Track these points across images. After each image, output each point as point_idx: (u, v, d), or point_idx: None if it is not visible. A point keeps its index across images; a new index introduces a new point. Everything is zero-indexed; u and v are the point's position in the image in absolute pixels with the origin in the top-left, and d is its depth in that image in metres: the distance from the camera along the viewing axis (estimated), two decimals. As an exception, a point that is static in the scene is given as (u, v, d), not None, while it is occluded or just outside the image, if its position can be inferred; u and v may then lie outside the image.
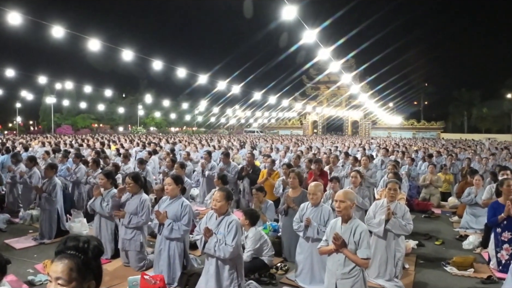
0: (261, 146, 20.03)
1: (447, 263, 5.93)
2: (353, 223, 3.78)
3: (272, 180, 8.11)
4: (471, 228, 7.89)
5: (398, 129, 61.42)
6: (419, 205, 9.73)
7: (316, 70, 60.80)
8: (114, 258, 5.77)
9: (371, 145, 21.16)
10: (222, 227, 4.13)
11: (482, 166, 11.53)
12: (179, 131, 68.47)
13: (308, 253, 4.87)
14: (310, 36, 11.34)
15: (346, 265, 3.71)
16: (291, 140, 27.60)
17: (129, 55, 12.66)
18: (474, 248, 6.78)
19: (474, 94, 65.28)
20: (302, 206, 5.00)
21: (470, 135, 57.78)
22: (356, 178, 6.56)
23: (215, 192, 4.26)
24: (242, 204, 8.91)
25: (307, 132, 66.34)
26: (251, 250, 5.30)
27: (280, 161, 11.05)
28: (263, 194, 6.98)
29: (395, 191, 5.20)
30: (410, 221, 5.17)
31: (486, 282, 5.28)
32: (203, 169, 9.46)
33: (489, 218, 5.93)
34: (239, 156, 13.45)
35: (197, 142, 19.96)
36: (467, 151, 17.64)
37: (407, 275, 5.48)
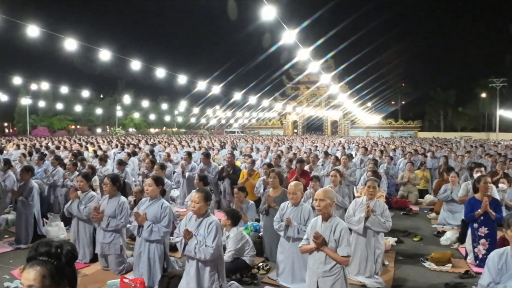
0: (241, 146, 20.00)
1: (425, 259, 6.04)
2: (333, 221, 3.81)
3: (252, 180, 8.11)
4: (448, 224, 8.07)
5: (377, 128, 62.39)
6: (397, 203, 9.89)
7: (296, 71, 61.16)
8: (93, 262, 5.66)
9: (350, 144, 21.40)
10: (202, 229, 4.09)
11: (458, 164, 11.80)
12: (159, 132, 67.75)
13: (289, 253, 4.88)
14: (290, 37, 11.40)
15: (327, 263, 3.74)
16: (272, 140, 27.67)
17: (106, 55, 12.45)
18: (452, 244, 6.94)
19: (449, 94, 67.04)
20: (282, 205, 5.01)
21: (446, 133, 59.25)
22: (336, 177, 6.62)
23: (193, 193, 4.22)
24: (223, 204, 8.88)
25: (288, 132, 66.66)
26: (233, 251, 5.28)
27: (261, 161, 11.06)
28: (245, 194, 6.97)
29: (374, 189, 5.26)
30: (389, 218, 5.25)
31: (464, 277, 5.41)
32: (183, 170, 9.38)
33: (466, 214, 6.06)
34: (219, 157, 13.39)
35: (177, 143, 19.77)
36: (443, 149, 18.04)
37: (386, 271, 5.56)
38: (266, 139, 29.74)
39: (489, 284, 3.19)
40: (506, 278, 3.13)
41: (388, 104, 70.51)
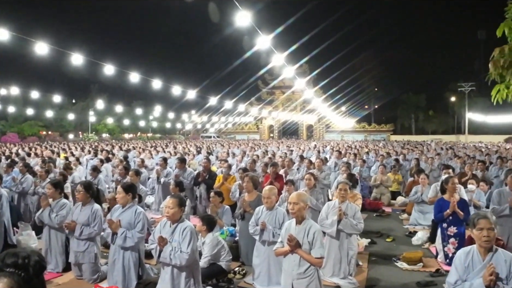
0: (217, 151, 19.96)
1: (397, 259, 6.20)
2: (306, 224, 3.87)
3: (228, 184, 8.13)
4: (420, 224, 8.30)
5: (351, 132, 63.38)
6: (370, 204, 10.12)
7: (271, 75, 61.52)
8: (66, 271, 5.54)
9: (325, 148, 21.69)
10: (176, 235, 4.09)
11: (428, 166, 12.16)
12: (133, 137, 66.72)
13: (264, 256, 4.92)
14: (264, 42, 11.50)
15: (301, 265, 3.79)
16: (248, 144, 27.73)
17: (79, 59, 12.22)
18: (423, 243, 7.14)
19: (420, 98, 68.99)
20: (257, 210, 5.05)
21: (417, 136, 60.79)
22: (310, 180, 6.72)
23: (167, 199, 4.21)
24: (199, 210, 8.84)
25: (264, 137, 66.88)
26: (208, 256, 5.27)
27: (237, 165, 11.08)
28: (221, 199, 6.97)
29: (345, 191, 5.38)
30: (361, 220, 5.37)
31: (435, 275, 5.59)
32: (159, 176, 9.29)
33: (435, 214, 6.26)
34: (195, 162, 13.32)
35: (152, 149, 19.55)
36: (415, 151, 18.52)
37: (360, 272, 5.68)
38: (242, 144, 29.78)
39: (456, 281, 3.30)
40: (473, 275, 3.25)
41: (361, 108, 71.92)
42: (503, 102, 7.09)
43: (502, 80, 6.87)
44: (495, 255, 3.25)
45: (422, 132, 68.73)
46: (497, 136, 53.13)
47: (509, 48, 6.63)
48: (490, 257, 3.23)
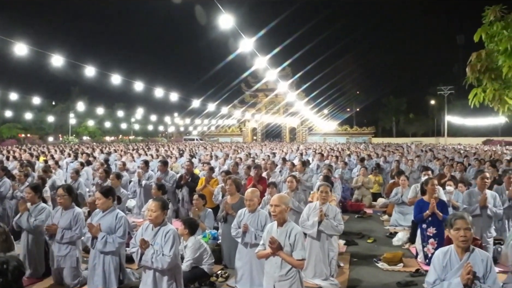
0: (200, 154, 19.87)
1: (378, 260, 6.29)
2: (288, 226, 3.89)
3: (211, 187, 8.11)
4: (400, 225, 8.44)
5: (333, 134, 63.94)
6: (352, 206, 10.24)
7: (254, 78, 61.63)
8: (46, 276, 5.43)
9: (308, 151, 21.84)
10: (158, 238, 4.06)
11: (408, 168, 12.36)
12: (115, 140, 65.85)
13: (247, 259, 4.92)
14: (247, 45, 11.52)
15: (283, 267, 3.81)
16: (231, 147, 27.70)
17: (59, 61, 12.01)
18: (403, 244, 7.26)
19: (401, 101, 70.33)
20: (239, 212, 5.05)
21: (398, 139, 61.85)
22: (292, 182, 6.77)
23: (150, 202, 4.18)
24: (181, 213, 8.78)
25: (247, 139, 66.91)
26: (190, 260, 5.24)
27: (220, 168, 11.06)
28: (204, 202, 6.95)
29: (326, 193, 5.44)
30: (341, 221, 5.44)
31: (415, 275, 5.69)
32: (140, 179, 9.20)
33: (415, 215, 6.37)
34: (177, 165, 13.24)
35: (134, 152, 19.34)
36: (395, 154, 18.81)
37: (342, 273, 5.75)
38: (225, 147, 29.73)
39: (435, 281, 3.37)
40: (451, 275, 3.32)
41: (343, 111, 72.69)
42: (480, 105, 7.27)
43: (479, 84, 7.05)
44: (472, 254, 3.33)
45: (403, 134, 70.03)
46: (476, 139, 54.54)
47: (486, 53, 6.81)
48: (467, 257, 3.31)
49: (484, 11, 6.41)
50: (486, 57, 6.76)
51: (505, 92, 6.85)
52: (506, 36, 5.91)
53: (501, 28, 6.09)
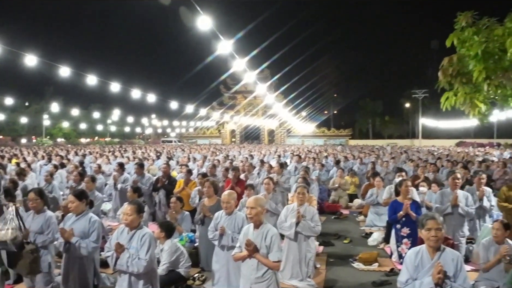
0: (178, 156, 19.71)
1: (354, 260, 6.39)
2: (264, 228, 3.91)
3: (189, 190, 8.06)
4: (375, 225, 8.59)
5: (311, 136, 64.51)
6: (329, 207, 10.37)
7: (233, 80, 61.58)
8: (17, 283, 5.29)
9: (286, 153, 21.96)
10: (134, 241, 4.00)
11: (383, 169, 12.59)
12: (91, 142, 64.55)
13: (224, 261, 4.91)
14: (225, 47, 11.50)
15: (259, 269, 3.82)
16: (209, 149, 27.57)
17: (33, 60, 11.69)
18: (378, 244, 7.40)
19: (377, 104, 71.63)
20: (216, 215, 5.03)
21: (374, 141, 62.93)
22: (269, 184, 6.81)
23: (125, 206, 4.12)
24: (158, 216, 8.69)
25: (226, 141, 66.75)
26: (167, 263, 5.20)
27: (198, 170, 10.99)
28: (181, 204, 6.90)
29: (303, 195, 5.49)
30: (319, 223, 5.50)
31: (389, 274, 5.81)
32: (116, 182, 9.05)
33: (389, 216, 6.51)
34: (154, 167, 13.10)
35: (110, 154, 19.01)
36: (371, 155, 19.12)
37: (318, 274, 5.81)
38: (203, 149, 29.57)
39: (407, 280, 3.44)
40: (423, 274, 3.40)
41: (321, 113, 73.54)
42: (454, 108, 7.48)
43: (451, 88, 7.24)
44: (443, 254, 3.41)
45: (379, 136, 71.33)
46: (449, 140, 56.12)
47: (458, 57, 7.00)
48: (438, 256, 3.39)
49: (457, 17, 6.58)
50: (457, 61, 6.95)
51: (475, 96, 7.06)
52: (477, 41, 6.09)
53: (472, 34, 6.27)
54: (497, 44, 5.98)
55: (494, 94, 6.76)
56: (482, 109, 7.19)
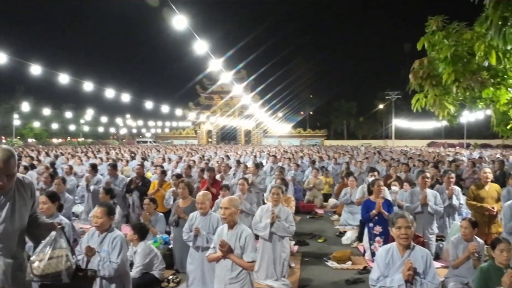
0: (153, 156, 19.46)
1: (328, 259, 6.47)
2: (238, 229, 3.91)
3: (163, 191, 7.96)
4: (349, 224, 8.72)
5: (287, 137, 64.88)
6: (304, 207, 10.46)
7: (209, 80, 61.35)
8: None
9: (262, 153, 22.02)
10: (105, 244, 3.93)
11: (357, 169, 12.79)
12: (63, 142, 62.93)
13: (198, 262, 4.87)
14: (202, 47, 11.44)
15: (233, 270, 3.82)
16: (185, 150, 27.35)
17: (2, 58, 11.29)
18: (352, 243, 7.51)
19: (351, 105, 72.93)
20: (191, 216, 4.99)
21: (349, 141, 63.97)
22: (243, 185, 6.82)
23: (95, 208, 4.04)
24: (132, 218, 8.54)
25: (202, 142, 66.32)
26: (140, 266, 5.12)
27: (172, 171, 10.88)
28: (155, 206, 6.81)
29: (278, 195, 5.52)
30: (293, 223, 5.54)
31: (362, 272, 5.90)
32: (88, 183, 8.84)
33: (362, 215, 6.62)
34: (128, 168, 12.87)
35: (83, 155, 18.59)
36: (346, 155, 19.41)
37: (293, 273, 5.85)
38: (179, 149, 29.30)
39: (378, 278, 3.50)
40: (393, 271, 3.46)
41: (297, 114, 74.12)
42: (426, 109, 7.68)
43: (421, 90, 7.42)
44: (413, 251, 3.49)
45: (353, 137, 72.60)
46: (421, 141, 57.66)
47: (428, 60, 7.19)
48: (408, 254, 3.47)
49: (428, 21, 6.74)
50: (428, 64, 7.14)
51: (445, 98, 7.27)
52: (447, 45, 6.27)
53: (442, 38, 6.45)
54: (466, 48, 6.17)
55: (463, 96, 6.97)
56: (451, 110, 7.42)
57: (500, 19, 4.08)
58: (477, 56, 5.76)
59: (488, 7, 4.18)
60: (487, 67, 6.22)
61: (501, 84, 6.48)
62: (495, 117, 7.73)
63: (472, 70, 6.32)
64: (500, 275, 3.82)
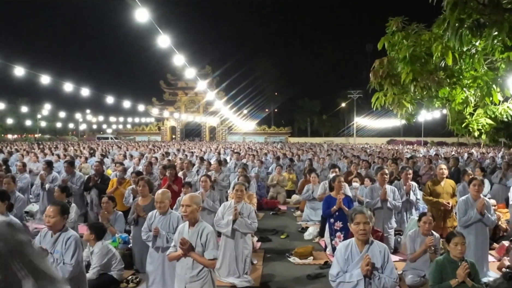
0: (114, 153, 18.92)
1: (290, 254, 6.51)
2: (200, 226, 3.84)
3: (122, 189, 7.73)
4: (311, 220, 8.84)
5: (252, 134, 64.99)
6: (267, 204, 10.50)
7: (173, 76, 60.44)
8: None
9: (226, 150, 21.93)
10: (59, 245, 3.76)
11: (320, 166, 12.99)
12: (18, 138, 60.04)
13: (158, 262, 4.76)
14: (165, 41, 11.19)
15: (194, 268, 3.76)
16: (148, 146, 26.78)
17: None
18: (313, 238, 7.61)
19: (315, 103, 74.12)
20: (150, 214, 4.86)
21: (312, 138, 64.98)
22: (206, 182, 6.74)
23: (48, 207, 3.85)
24: (90, 217, 8.26)
25: (166, 138, 65.24)
26: (98, 267, 4.95)
27: (134, 168, 10.60)
28: (114, 204, 6.60)
29: (241, 192, 5.49)
30: (255, 219, 5.54)
31: (324, 267, 5.99)
32: (43, 181, 8.46)
33: (324, 210, 6.71)
34: (87, 165, 12.45)
35: (39, 151, 17.78)
36: (309, 152, 19.67)
37: (255, 270, 5.85)
38: (141, 146, 28.66)
39: (338, 273, 3.54)
40: (352, 266, 3.51)
41: (262, 111, 74.34)
42: (385, 108, 7.87)
43: (381, 89, 7.60)
44: (371, 247, 3.56)
45: (317, 134, 73.85)
46: (381, 138, 59.55)
47: (388, 60, 7.37)
48: (367, 249, 3.53)
49: (388, 22, 6.89)
50: (387, 64, 7.31)
51: (403, 97, 7.49)
52: (406, 45, 6.43)
53: (401, 38, 6.61)
54: (424, 49, 6.35)
55: (420, 95, 7.18)
56: (409, 109, 7.65)
57: (457, 21, 4.22)
58: (434, 57, 5.94)
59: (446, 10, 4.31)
60: (444, 68, 6.45)
61: (456, 84, 6.74)
62: (450, 116, 8.05)
63: (430, 70, 6.52)
64: (455, 268, 3.98)
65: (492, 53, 5.53)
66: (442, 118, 12.94)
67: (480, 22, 4.20)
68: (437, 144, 47.95)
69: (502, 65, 6.06)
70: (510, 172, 9.71)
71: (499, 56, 5.37)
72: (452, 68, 6.51)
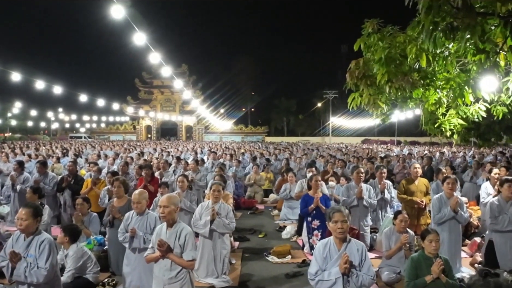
0: (88, 153, 18.50)
1: (268, 253, 6.54)
2: (178, 227, 3.81)
3: (97, 189, 7.57)
4: (289, 219, 8.90)
5: (229, 133, 64.87)
6: (245, 203, 10.52)
7: (149, 74, 59.62)
8: None
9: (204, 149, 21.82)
10: (32, 249, 3.64)
11: (297, 165, 13.08)
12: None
13: (135, 264, 4.69)
14: (140, 39, 11.02)
15: (172, 269, 3.73)
16: (123, 146, 26.32)
17: None
18: (291, 237, 7.67)
19: (291, 103, 74.72)
20: (126, 215, 4.78)
21: (289, 138, 65.41)
22: (183, 182, 6.69)
23: (20, 209, 3.73)
24: (64, 219, 8.06)
25: (141, 137, 64.27)
26: (73, 270, 4.84)
27: (108, 168, 10.41)
28: (88, 206, 6.46)
29: (218, 192, 5.48)
30: (233, 219, 5.54)
31: (301, 266, 6.04)
32: (14, 182, 8.19)
33: (301, 209, 6.81)
34: (60, 166, 12.13)
35: (10, 151, 17.21)
36: (285, 152, 19.78)
37: (233, 269, 5.84)
38: (116, 145, 28.14)
39: (316, 272, 3.58)
40: (331, 264, 3.56)
41: (239, 111, 74.32)
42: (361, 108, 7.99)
43: (357, 89, 7.71)
44: (349, 245, 3.62)
45: (293, 134, 74.46)
46: (356, 138, 60.60)
47: (364, 61, 7.47)
48: (345, 247, 3.59)
49: (364, 24, 6.99)
50: (363, 65, 7.41)
51: (378, 97, 7.61)
52: (381, 47, 6.53)
53: (377, 40, 6.71)
54: (399, 50, 6.47)
55: (395, 95, 7.33)
56: (384, 109, 7.80)
57: (431, 24, 4.31)
58: (409, 58, 6.06)
59: (420, 13, 4.41)
60: (418, 69, 6.59)
61: (430, 85, 6.91)
62: (424, 116, 8.25)
63: (404, 71, 6.65)
64: (429, 264, 4.09)
65: (464, 55, 5.68)
66: (415, 118, 13.23)
67: (453, 25, 4.30)
68: (410, 143, 49.07)
69: (474, 67, 6.24)
70: (480, 171, 10.06)
71: (471, 58, 5.52)
72: (426, 69, 6.66)
